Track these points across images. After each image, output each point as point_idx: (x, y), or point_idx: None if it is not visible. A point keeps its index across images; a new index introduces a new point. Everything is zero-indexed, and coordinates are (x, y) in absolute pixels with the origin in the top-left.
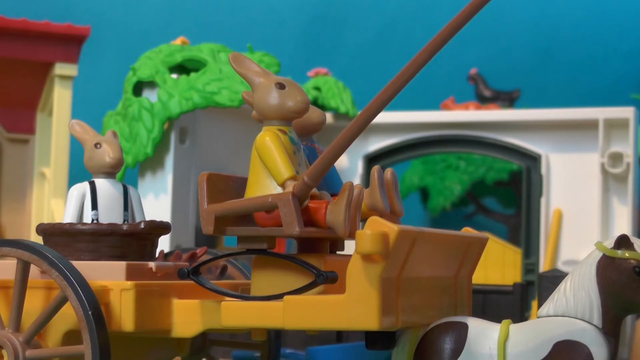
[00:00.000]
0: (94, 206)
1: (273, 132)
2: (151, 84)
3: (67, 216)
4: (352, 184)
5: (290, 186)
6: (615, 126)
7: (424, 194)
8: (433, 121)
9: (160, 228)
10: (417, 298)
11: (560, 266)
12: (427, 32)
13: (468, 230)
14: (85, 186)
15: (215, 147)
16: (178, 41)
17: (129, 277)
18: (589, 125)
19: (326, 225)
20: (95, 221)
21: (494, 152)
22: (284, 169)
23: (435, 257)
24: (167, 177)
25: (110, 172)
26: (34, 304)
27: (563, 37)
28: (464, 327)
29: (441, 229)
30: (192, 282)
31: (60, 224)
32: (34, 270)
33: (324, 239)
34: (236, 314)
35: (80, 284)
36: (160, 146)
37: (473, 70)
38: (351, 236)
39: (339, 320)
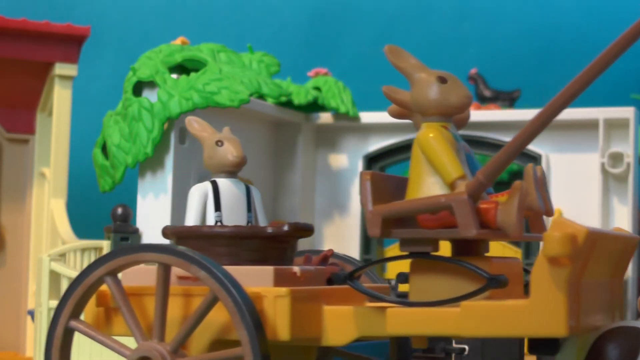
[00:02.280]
0: (217, 207)
1: (437, 129)
2: (151, 84)
3: (190, 218)
4: (522, 183)
5: (462, 186)
6: (615, 126)
7: None
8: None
9: (304, 230)
10: (589, 302)
11: None
12: (427, 32)
13: (619, 230)
14: (206, 186)
15: None
16: (178, 41)
17: (276, 282)
18: (589, 125)
19: (496, 226)
20: (219, 223)
21: (494, 152)
22: (453, 168)
23: (605, 258)
24: (167, 177)
25: (232, 172)
26: (172, 312)
27: (563, 37)
28: (639, 332)
29: (609, 230)
30: (334, 286)
31: (197, 226)
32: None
33: (480, 241)
34: (404, 321)
35: (236, 289)
36: (160, 146)
37: (473, 70)
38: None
39: (522, 326)
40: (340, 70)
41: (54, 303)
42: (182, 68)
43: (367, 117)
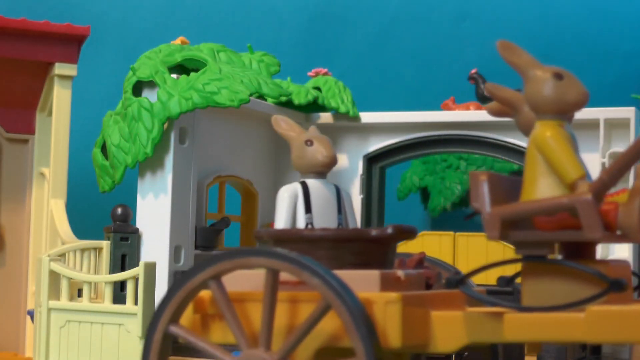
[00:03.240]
0: (308, 209)
1: (554, 127)
2: (151, 84)
3: (280, 220)
4: None
5: (584, 186)
6: (616, 126)
7: (424, 194)
8: (433, 121)
9: (408, 233)
10: None
11: None
12: (427, 32)
13: None
14: (296, 187)
15: (215, 147)
16: (178, 41)
17: (382, 287)
18: (590, 125)
19: (616, 228)
20: (310, 225)
21: (494, 152)
22: (573, 167)
23: None
24: (167, 177)
25: (322, 172)
26: (275, 319)
27: (564, 37)
28: None
29: None
30: (436, 290)
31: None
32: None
33: (592, 244)
34: (522, 327)
35: (350, 296)
36: (160, 146)
37: (473, 71)
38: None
39: None
40: (340, 70)
41: (54, 303)
42: (182, 68)
43: (367, 117)
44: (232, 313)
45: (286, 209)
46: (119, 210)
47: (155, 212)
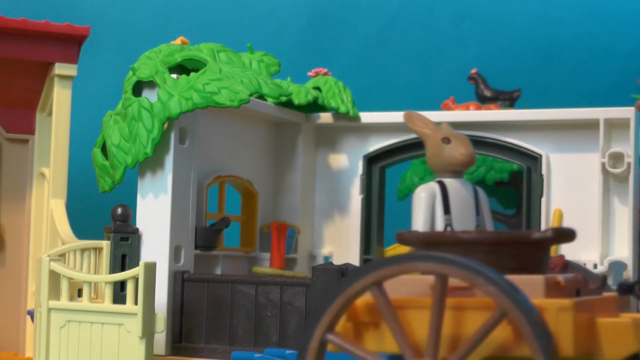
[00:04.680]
0: (447, 210)
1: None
2: (151, 84)
3: (418, 222)
4: None
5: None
6: (616, 126)
7: None
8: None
9: (568, 236)
10: None
11: None
12: (427, 32)
13: None
14: (434, 187)
15: (215, 147)
16: (178, 41)
17: (546, 293)
18: (590, 125)
19: None
20: (449, 227)
21: (494, 152)
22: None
23: None
24: (167, 177)
25: (459, 171)
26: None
27: (564, 37)
28: None
29: None
30: (593, 297)
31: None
32: (417, 287)
33: None
34: None
35: (527, 305)
36: (160, 146)
37: (473, 70)
38: None
39: None
40: (340, 70)
41: (54, 303)
42: (182, 68)
43: (367, 117)
44: (396, 321)
45: (424, 209)
46: (119, 210)
47: (155, 212)
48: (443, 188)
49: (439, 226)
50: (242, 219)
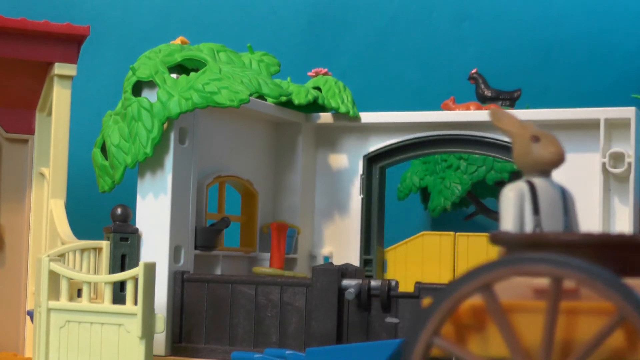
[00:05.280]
0: (536, 210)
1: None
2: (150, 84)
3: (509, 222)
4: None
5: None
6: (616, 126)
7: (425, 194)
8: (433, 121)
9: None
10: None
11: None
12: (427, 32)
13: None
14: (522, 187)
15: (215, 147)
16: (178, 41)
17: None
18: (590, 125)
19: None
20: (538, 229)
21: (494, 152)
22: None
23: None
24: (166, 177)
25: (547, 171)
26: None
27: (564, 37)
28: None
29: None
30: None
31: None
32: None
33: None
34: None
35: None
36: (160, 146)
37: (473, 70)
38: None
39: None
40: (340, 70)
41: (54, 303)
42: (182, 68)
43: (367, 117)
44: (507, 325)
45: (513, 209)
46: (119, 210)
47: (155, 212)
48: (532, 188)
49: (527, 227)
50: (242, 219)
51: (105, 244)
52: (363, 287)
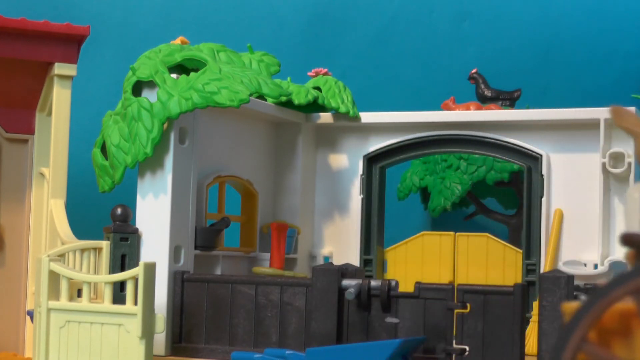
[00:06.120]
0: None
1: None
2: (150, 84)
3: (635, 223)
4: None
5: None
6: (616, 126)
7: (425, 194)
8: (433, 121)
9: None
10: None
11: (561, 267)
12: (427, 32)
13: None
14: None
15: (215, 147)
16: (178, 41)
17: None
18: (590, 125)
19: None
20: None
21: (494, 152)
22: None
23: None
24: (166, 177)
25: None
26: None
27: (564, 37)
28: None
29: None
30: None
31: None
32: None
33: None
34: None
35: None
36: (160, 146)
37: (473, 70)
38: None
39: None
40: (340, 70)
41: (53, 303)
42: (182, 68)
43: (367, 117)
44: None
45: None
46: (119, 210)
47: (155, 212)
48: None
49: None
50: (242, 219)
51: (105, 244)
52: (363, 287)
